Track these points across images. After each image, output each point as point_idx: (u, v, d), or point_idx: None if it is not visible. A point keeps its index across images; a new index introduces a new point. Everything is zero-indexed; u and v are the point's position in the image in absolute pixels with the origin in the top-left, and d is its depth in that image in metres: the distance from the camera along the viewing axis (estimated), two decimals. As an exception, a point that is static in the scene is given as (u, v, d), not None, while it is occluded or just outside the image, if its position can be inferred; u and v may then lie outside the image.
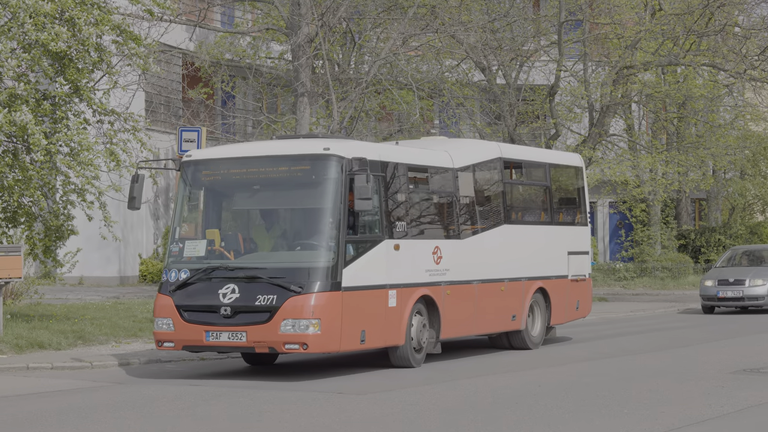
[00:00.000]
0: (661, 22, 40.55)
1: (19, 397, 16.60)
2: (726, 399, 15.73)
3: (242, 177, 17.36)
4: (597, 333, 26.82)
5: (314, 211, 16.40)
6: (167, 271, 16.43)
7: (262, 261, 16.48)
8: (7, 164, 21.95)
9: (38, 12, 20.51)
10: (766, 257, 33.29)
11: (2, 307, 22.39)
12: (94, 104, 22.80)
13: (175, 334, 16.06)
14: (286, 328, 15.33)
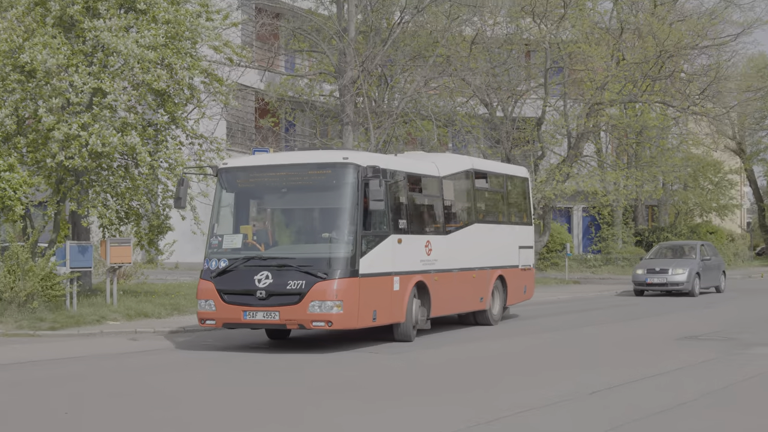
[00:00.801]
0: (624, 69, 40.41)
1: (128, 353, 16.79)
2: (673, 357, 15.74)
3: (272, 181, 16.65)
4: (551, 311, 26.59)
5: (335, 210, 15.87)
6: (208, 261, 15.92)
7: (291, 252, 15.92)
8: (121, 176, 22.13)
9: (144, 59, 20.59)
10: (686, 251, 33.39)
11: (116, 285, 22.55)
12: (186, 130, 22.94)
13: (216, 313, 15.53)
14: (314, 309, 14.91)
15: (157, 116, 22.38)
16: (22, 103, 20.92)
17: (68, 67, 20.58)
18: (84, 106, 21.03)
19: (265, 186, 16.75)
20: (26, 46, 20.31)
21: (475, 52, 39.61)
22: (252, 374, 14.07)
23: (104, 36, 20.45)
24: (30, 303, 20.44)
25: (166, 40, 21.34)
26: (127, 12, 21.53)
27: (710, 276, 32.56)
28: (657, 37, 40.27)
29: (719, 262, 34.53)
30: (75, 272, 21.29)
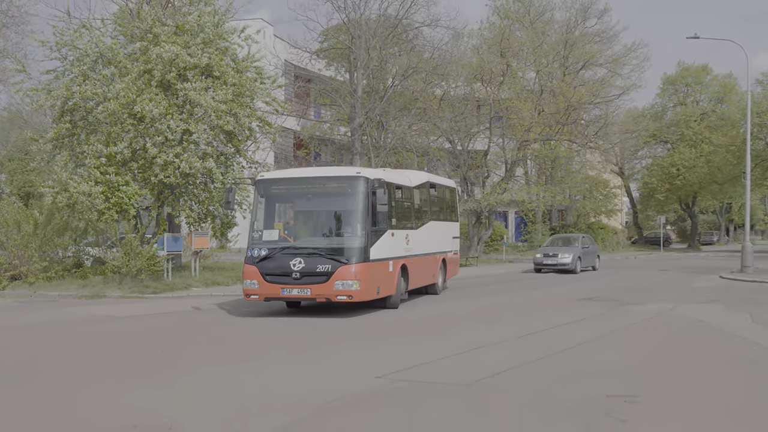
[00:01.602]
0: (543, 118, 40.48)
1: (205, 309, 16.71)
2: (575, 312, 15.69)
3: (299, 189, 15.64)
4: (482, 282, 26.49)
5: (351, 212, 14.86)
6: (251, 249, 14.82)
7: (317, 243, 14.74)
8: (201, 189, 22.09)
9: (218, 110, 20.62)
10: (571, 241, 32.56)
11: (198, 263, 22.52)
12: (247, 158, 22.95)
13: (259, 290, 14.52)
14: (338, 286, 14.06)
15: (226, 148, 22.41)
16: (135, 140, 20.94)
17: (166, 115, 20.59)
18: (177, 141, 21.04)
19: (294, 193, 15.76)
20: (138, 101, 20.35)
21: (443, 106, 39.66)
22: (287, 326, 14.04)
23: (191, 94, 20.51)
24: (139, 275, 20.50)
25: (233, 97, 21.39)
26: (206, 78, 21.53)
27: (588, 259, 31.95)
28: (565, 96, 40.33)
29: (595, 249, 33.89)
30: (170, 254, 21.41)
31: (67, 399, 7.75)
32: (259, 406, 7.39)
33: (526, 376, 8.83)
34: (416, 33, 39.61)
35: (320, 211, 15.62)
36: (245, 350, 10.88)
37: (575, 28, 46.83)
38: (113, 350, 10.91)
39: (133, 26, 22.35)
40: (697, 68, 66.38)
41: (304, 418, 6.92)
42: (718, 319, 14.33)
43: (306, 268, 14.18)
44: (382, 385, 8.31)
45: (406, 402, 7.55)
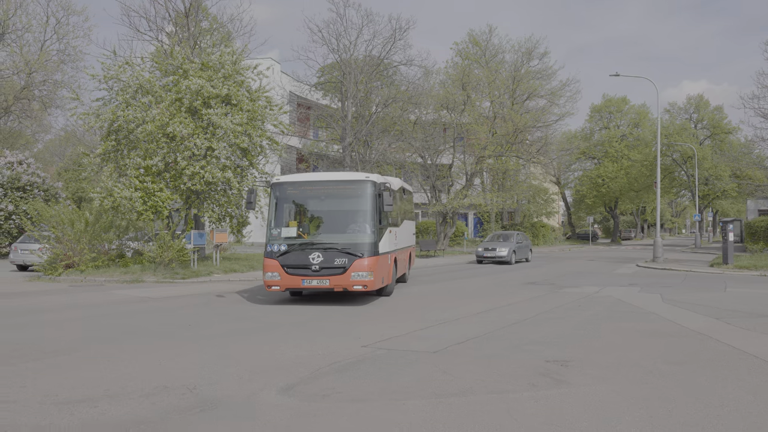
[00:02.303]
0: (496, 139, 40.59)
1: (225, 291, 16.61)
2: (522, 294, 15.72)
3: (312, 191, 14.36)
4: (436, 271, 26.52)
5: (363, 212, 13.71)
6: (270, 245, 13.47)
7: (333, 239, 13.46)
8: (221, 195, 21.93)
9: (235, 131, 20.52)
10: (508, 236, 31.38)
11: (219, 255, 22.35)
12: (258, 170, 22.79)
13: (281, 281, 13.24)
14: (355, 277, 13.09)
15: (242, 162, 22.26)
16: (167, 154, 20.79)
17: (193, 135, 20.46)
18: (202, 156, 20.92)
19: (308, 194, 14.37)
20: (170, 123, 20.22)
21: (416, 128, 39.66)
22: (293, 308, 13.97)
23: (213, 118, 20.38)
24: (170, 264, 20.34)
25: (248, 120, 21.31)
26: (226, 105, 21.41)
27: (522, 252, 31.03)
28: (513, 121, 40.46)
29: (528, 243, 32.80)
30: (196, 247, 21.31)
31: (113, 363, 7.69)
32: (267, 369, 7.36)
33: (483, 345, 8.85)
34: (395, 70, 39.73)
35: (333, 211, 14.42)
36: (256, 325, 10.82)
37: (521, 67, 47.06)
38: (150, 325, 10.82)
39: (166, 63, 22.26)
40: (618, 99, 66.93)
41: (304, 379, 6.90)
42: (635, 299, 14.44)
43: (324, 262, 13.15)
44: (367, 352, 8.30)
45: (387, 364, 7.55)
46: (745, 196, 53.47)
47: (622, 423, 5.38)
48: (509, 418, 5.52)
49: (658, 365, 7.54)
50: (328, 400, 6.10)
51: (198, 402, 6.06)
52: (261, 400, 6.12)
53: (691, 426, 5.29)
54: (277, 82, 40.05)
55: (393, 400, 6.06)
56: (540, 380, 6.81)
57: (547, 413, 5.65)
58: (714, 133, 62.24)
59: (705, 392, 6.33)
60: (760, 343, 8.90)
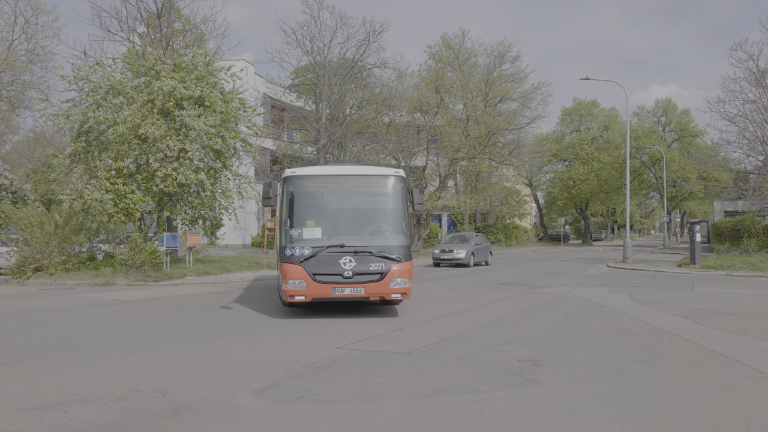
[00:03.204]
0: (469, 141, 40.87)
1: (198, 294, 16.43)
2: (495, 294, 15.81)
3: (336, 186, 12.24)
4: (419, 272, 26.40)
5: (394, 210, 11.92)
6: (291, 248, 11.33)
7: (366, 241, 11.65)
8: (194, 197, 21.72)
9: (208, 133, 20.36)
10: (467, 238, 29.91)
11: (192, 257, 22.14)
12: (232, 172, 22.62)
13: (307, 290, 11.17)
14: (394, 284, 11.38)
15: (215, 164, 22.07)
16: (139, 156, 20.55)
17: (166, 136, 20.24)
18: (174, 158, 20.72)
19: (329, 190, 12.26)
20: (142, 124, 20.00)
21: (390, 131, 39.76)
22: (270, 309, 13.84)
23: (186, 119, 20.20)
24: (142, 267, 20.08)
25: (221, 122, 21.17)
26: (199, 106, 21.22)
27: (481, 254, 29.42)
28: (486, 124, 40.78)
29: (488, 245, 31.15)
30: (168, 250, 21.05)
31: (83, 367, 7.55)
32: (241, 372, 7.30)
33: (457, 345, 8.89)
34: (369, 73, 39.80)
35: (359, 209, 12.53)
36: (230, 327, 10.72)
37: (494, 71, 47.46)
38: (121, 328, 10.66)
39: (138, 64, 22.01)
40: (588, 103, 67.85)
41: (278, 381, 6.86)
42: (605, 299, 14.62)
43: (358, 267, 11.33)
44: (341, 354, 8.28)
45: (361, 366, 7.54)
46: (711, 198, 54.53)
47: (593, 421, 5.44)
48: (482, 417, 5.55)
49: (628, 364, 7.64)
50: (302, 402, 6.07)
51: (170, 405, 5.99)
52: (234, 403, 6.07)
53: (659, 423, 5.38)
54: (251, 83, 39.81)
55: (367, 401, 6.06)
56: (513, 380, 6.86)
57: (520, 412, 5.69)
58: (681, 136, 63.42)
59: (673, 390, 6.43)
60: (726, 341, 9.08)
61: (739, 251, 30.44)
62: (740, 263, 24.20)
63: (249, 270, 23.01)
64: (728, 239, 36.63)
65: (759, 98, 27.82)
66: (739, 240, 35.09)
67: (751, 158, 30.86)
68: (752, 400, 6.03)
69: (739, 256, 26.69)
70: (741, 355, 8.02)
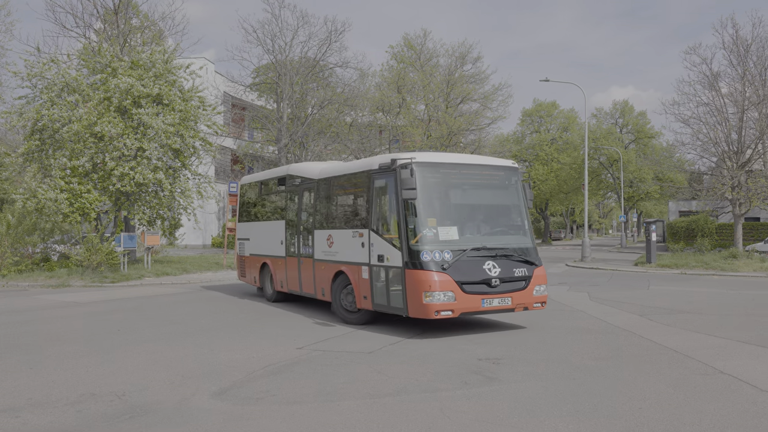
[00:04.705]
0: (431, 141, 41.03)
1: (157, 295, 16.17)
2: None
3: (459, 178, 10.16)
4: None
5: (517, 207, 10.42)
6: (427, 252, 9.10)
7: (502, 242, 9.99)
8: (153, 196, 21.39)
9: (167, 131, 20.10)
10: None
11: (150, 257, 21.79)
12: (191, 171, 22.35)
13: (455, 303, 9.10)
14: (537, 292, 9.89)
15: (174, 163, 21.80)
16: (95, 155, 20.18)
17: (123, 135, 19.90)
18: (132, 157, 20.38)
19: (452, 182, 10.12)
20: (98, 123, 19.63)
21: (352, 130, 39.74)
22: (232, 309, 13.70)
23: (144, 118, 19.90)
24: (99, 268, 19.71)
25: (180, 121, 20.93)
26: (157, 105, 20.93)
27: None
28: (448, 124, 41.06)
29: None
30: (126, 250, 20.74)
31: (36, 371, 7.36)
32: (200, 374, 7.21)
33: (417, 345, 8.93)
34: (331, 72, 39.73)
35: (481, 205, 10.58)
36: (189, 329, 10.57)
37: (455, 72, 47.79)
38: (76, 330, 10.42)
39: (94, 61, 21.57)
40: (548, 104, 68.90)
41: (237, 382, 6.79)
42: (564, 297, 14.81)
43: (503, 273, 9.60)
44: (302, 354, 8.25)
45: (322, 366, 7.52)
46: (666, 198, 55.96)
47: (550, 418, 5.53)
48: (442, 416, 5.59)
49: (585, 361, 7.79)
50: (261, 403, 6.02)
51: (127, 409, 5.88)
52: (193, 405, 5.99)
53: (614, 419, 5.50)
54: (211, 82, 39.34)
55: (328, 402, 6.05)
56: (472, 378, 6.92)
57: (479, 410, 5.75)
58: (638, 137, 64.90)
59: (628, 386, 6.58)
60: (680, 338, 9.33)
61: (693, 250, 31.32)
62: (694, 262, 24.88)
63: (209, 270, 22.73)
64: (683, 238, 37.65)
65: (712, 101, 28.63)
66: (693, 239, 36.11)
67: (705, 159, 31.75)
68: (704, 395, 6.21)
69: (693, 255, 27.44)
70: (694, 352, 8.25)
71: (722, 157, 28.48)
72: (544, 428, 5.26)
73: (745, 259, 24.82)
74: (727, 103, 28.37)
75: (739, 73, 28.81)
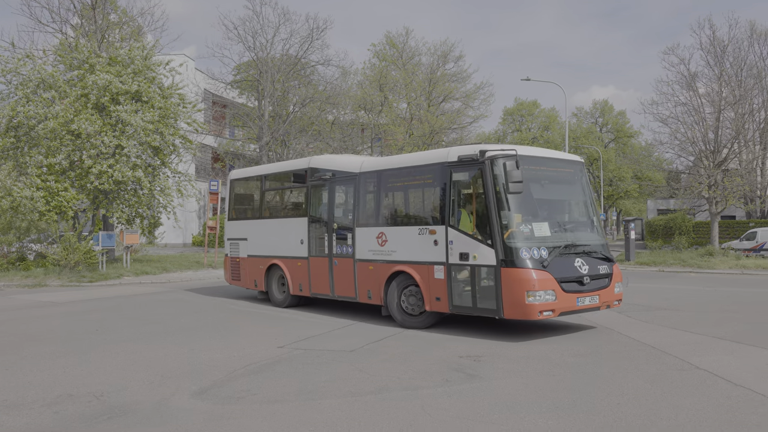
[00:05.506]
0: (413, 139, 41.08)
1: (136, 294, 16.02)
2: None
3: (538, 172, 9.63)
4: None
5: (587, 203, 10.10)
6: (525, 249, 8.68)
7: (583, 239, 9.61)
8: (132, 195, 21.18)
9: (146, 129, 19.89)
10: None
11: (129, 256, 21.60)
12: (171, 169, 22.20)
13: (556, 303, 8.71)
14: (616, 289, 9.63)
15: (153, 161, 21.60)
16: (73, 152, 19.94)
17: (101, 132, 19.70)
18: (110, 154, 20.16)
19: (532, 176, 9.42)
20: (75, 120, 19.38)
21: (334, 128, 39.66)
22: (212, 308, 13.60)
23: (123, 115, 19.71)
24: (77, 267, 19.50)
25: (159, 118, 20.74)
26: (136, 102, 20.72)
27: None
28: (430, 123, 41.12)
29: None
30: (104, 249, 20.51)
31: (12, 372, 7.27)
32: (180, 373, 7.17)
33: (399, 343, 8.95)
34: (312, 70, 39.58)
35: (563, 200, 10.23)
36: (168, 328, 10.50)
37: (437, 70, 47.89)
38: (54, 330, 10.30)
39: (71, 57, 21.32)
40: (529, 103, 69.34)
41: (218, 382, 6.77)
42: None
43: (591, 271, 9.25)
44: (283, 353, 8.23)
45: (303, 365, 7.52)
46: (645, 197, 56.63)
47: (530, 414, 5.58)
48: (423, 413, 5.62)
49: (565, 358, 7.87)
50: (242, 402, 6.01)
51: (105, 409, 5.83)
52: (172, 405, 5.96)
53: (593, 414, 5.56)
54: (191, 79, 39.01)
55: (309, 400, 6.05)
56: (454, 375, 6.96)
57: (460, 407, 5.79)
58: (618, 136, 65.56)
59: (607, 382, 6.66)
60: (657, 334, 9.46)
61: (670, 248, 31.71)
62: (672, 259, 25.20)
63: (189, 269, 22.57)
64: (661, 236, 38.11)
65: (689, 101, 29.02)
66: (670, 237, 36.57)
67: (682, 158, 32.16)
68: (680, 390, 6.31)
69: (670, 253, 27.79)
70: (671, 348, 8.37)
71: (699, 156, 28.87)
72: (524, 424, 5.31)
73: (721, 257, 25.21)
74: (704, 103, 28.77)
75: (716, 74, 29.25)
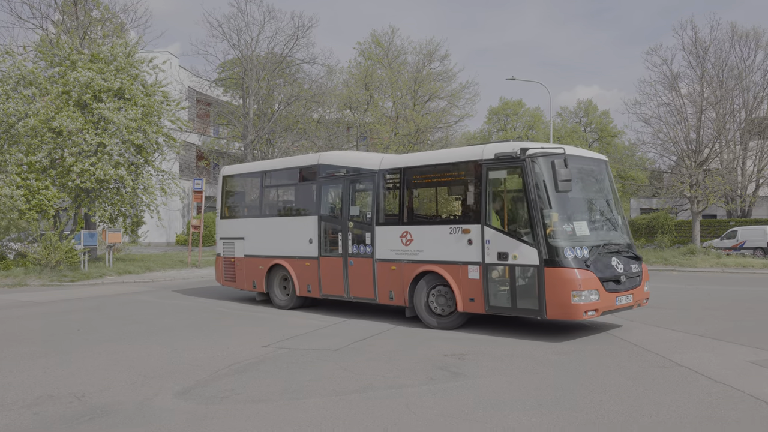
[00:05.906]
0: (398, 138, 41.12)
1: (118, 294, 15.90)
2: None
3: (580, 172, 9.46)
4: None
5: (612, 200, 9.94)
6: (569, 249, 8.58)
7: (615, 238, 9.60)
8: (114, 193, 21.01)
9: (129, 126, 19.76)
10: None
11: (112, 256, 21.43)
12: (154, 167, 22.03)
13: (600, 303, 8.64)
14: (645, 288, 9.63)
15: (136, 159, 21.41)
16: (54, 150, 19.72)
17: (83, 130, 19.51)
18: (92, 152, 19.96)
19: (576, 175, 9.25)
20: (56, 117, 19.20)
21: (319, 127, 39.60)
22: (195, 308, 13.51)
23: (105, 113, 19.54)
24: (58, 266, 19.30)
25: (143, 116, 20.58)
26: (119, 99, 20.54)
27: None
28: (415, 122, 41.18)
29: None
30: (86, 248, 20.34)
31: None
32: (162, 373, 7.12)
33: (384, 341, 8.96)
34: (298, 68, 39.50)
35: (595, 199, 9.98)
36: (151, 328, 10.43)
37: (423, 69, 47.95)
38: (34, 330, 10.19)
39: (52, 53, 21.09)
40: (514, 102, 69.66)
41: (201, 381, 6.73)
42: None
43: (625, 270, 9.20)
44: (267, 352, 8.21)
45: (287, 364, 7.50)
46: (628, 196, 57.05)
47: (514, 411, 5.62)
48: (408, 411, 5.63)
49: (549, 356, 7.92)
50: (226, 402, 5.98)
51: (87, 410, 5.78)
52: (155, 405, 5.92)
53: (576, 411, 5.61)
54: (175, 76, 38.73)
55: (293, 400, 6.03)
56: (438, 374, 6.98)
57: (444, 405, 5.81)
58: (601, 136, 66.04)
59: (590, 379, 6.72)
60: (640, 332, 9.55)
61: (653, 247, 32.02)
62: (654, 258, 25.43)
63: (173, 269, 22.42)
64: (643, 235, 38.45)
65: (672, 101, 29.31)
66: (653, 236, 36.92)
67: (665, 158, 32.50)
68: (662, 387, 6.37)
69: (653, 251, 28.05)
70: (653, 346, 8.45)
71: (681, 155, 29.18)
72: (507, 422, 5.34)
73: (703, 255, 25.49)
74: (686, 103, 29.07)
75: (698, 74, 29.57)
